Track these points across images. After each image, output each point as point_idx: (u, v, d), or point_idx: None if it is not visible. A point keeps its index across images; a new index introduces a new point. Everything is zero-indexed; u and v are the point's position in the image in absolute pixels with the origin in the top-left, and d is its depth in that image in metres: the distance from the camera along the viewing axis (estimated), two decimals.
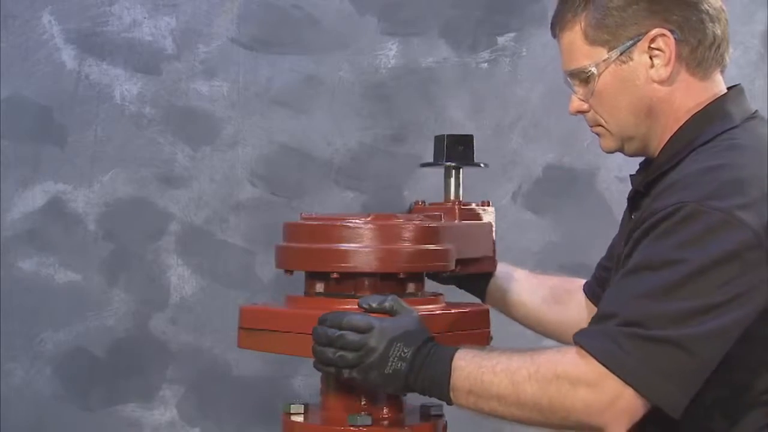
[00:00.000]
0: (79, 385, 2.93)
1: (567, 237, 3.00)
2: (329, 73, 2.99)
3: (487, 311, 1.57)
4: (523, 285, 1.76)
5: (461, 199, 1.70)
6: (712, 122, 1.44)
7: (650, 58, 1.43)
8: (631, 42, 1.43)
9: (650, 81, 1.44)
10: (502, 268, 1.75)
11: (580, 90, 1.49)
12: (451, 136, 1.67)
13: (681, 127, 1.45)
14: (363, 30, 3.00)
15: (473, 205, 1.70)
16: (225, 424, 2.97)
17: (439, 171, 1.72)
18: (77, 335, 2.93)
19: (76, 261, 2.93)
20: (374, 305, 1.42)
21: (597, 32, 1.44)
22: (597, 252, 2.94)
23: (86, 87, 2.94)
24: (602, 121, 1.48)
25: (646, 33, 1.42)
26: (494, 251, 1.72)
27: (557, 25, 1.50)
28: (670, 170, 1.43)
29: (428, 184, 2.93)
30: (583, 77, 1.47)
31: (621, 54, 1.43)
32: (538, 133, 3.06)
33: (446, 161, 1.67)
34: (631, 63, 1.44)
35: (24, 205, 2.93)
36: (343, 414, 1.48)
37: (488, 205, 1.72)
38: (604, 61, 1.44)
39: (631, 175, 1.55)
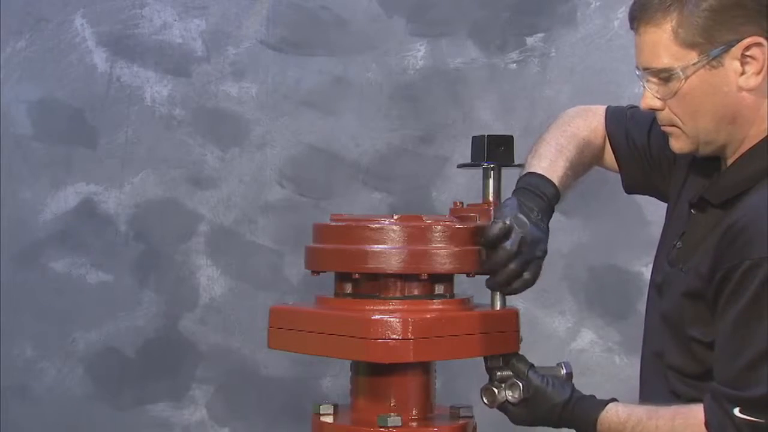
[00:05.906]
0: (109, 385, 2.96)
1: (596, 238, 2.98)
2: (357, 74, 2.99)
3: (517, 313, 1.56)
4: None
5: (502, 200, 1.66)
6: None
7: (741, 65, 1.39)
8: (724, 47, 1.38)
9: (739, 89, 1.40)
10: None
11: (656, 88, 1.43)
12: (491, 137, 1.61)
13: (758, 144, 1.41)
14: (391, 31, 3.00)
15: None
16: (254, 424, 2.98)
17: (469, 172, 1.69)
18: (108, 335, 2.95)
19: (107, 262, 2.96)
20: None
21: (690, 34, 1.38)
22: (627, 252, 2.94)
23: (117, 89, 2.97)
24: (678, 122, 1.44)
25: (741, 40, 1.38)
26: None
27: (641, 19, 1.42)
28: (744, 193, 1.40)
29: (456, 185, 2.92)
30: (665, 77, 1.41)
31: (712, 59, 1.39)
32: None
33: (486, 162, 1.60)
34: (721, 69, 1.39)
35: (56, 206, 2.96)
36: (372, 415, 1.48)
37: None
38: (693, 64, 1.39)
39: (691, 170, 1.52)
